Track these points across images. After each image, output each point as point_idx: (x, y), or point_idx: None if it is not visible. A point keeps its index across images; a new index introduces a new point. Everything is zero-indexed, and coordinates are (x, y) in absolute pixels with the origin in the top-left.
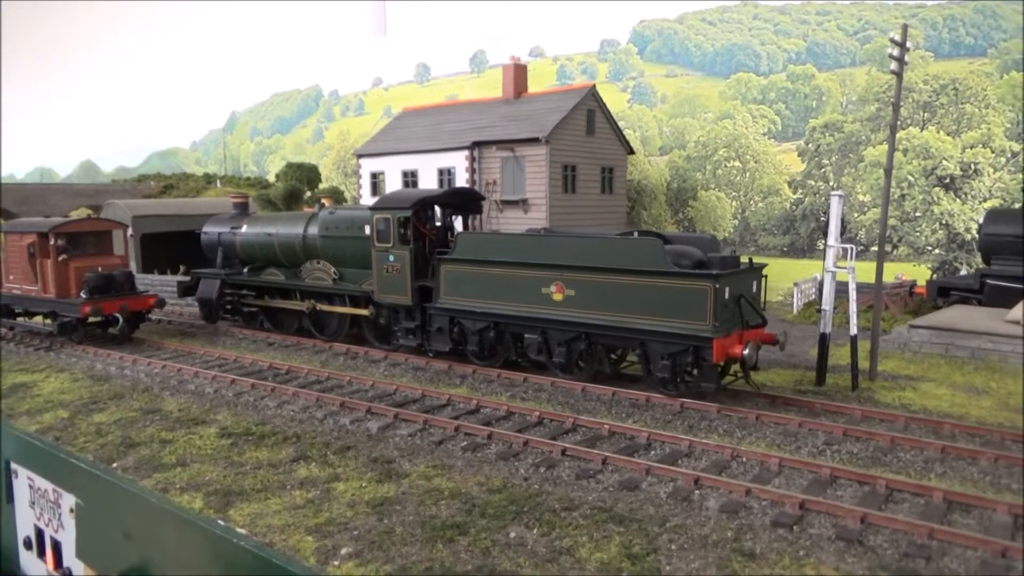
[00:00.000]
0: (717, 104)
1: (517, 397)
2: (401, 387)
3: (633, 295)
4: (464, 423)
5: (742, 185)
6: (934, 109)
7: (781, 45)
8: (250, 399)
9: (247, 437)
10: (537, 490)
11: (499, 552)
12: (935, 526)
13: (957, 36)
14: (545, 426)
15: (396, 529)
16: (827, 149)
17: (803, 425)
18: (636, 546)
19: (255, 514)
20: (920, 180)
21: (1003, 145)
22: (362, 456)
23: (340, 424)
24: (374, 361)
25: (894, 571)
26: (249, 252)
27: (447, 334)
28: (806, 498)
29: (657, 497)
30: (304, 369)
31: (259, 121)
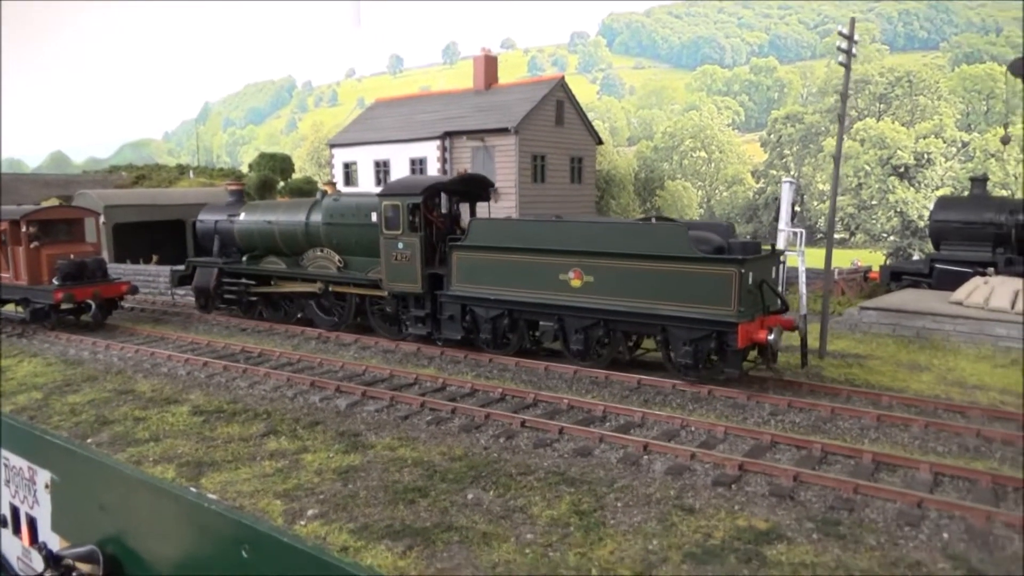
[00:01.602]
0: (683, 96)
1: (482, 376)
2: (370, 368)
3: (656, 281)
4: (430, 399)
5: (707, 175)
6: (889, 100)
7: (745, 38)
8: (222, 380)
9: (219, 414)
10: (496, 458)
11: (456, 511)
12: (861, 482)
13: (911, 30)
14: (507, 401)
15: (360, 493)
16: (788, 140)
17: (751, 398)
18: (585, 504)
19: (226, 482)
20: (876, 169)
21: (954, 135)
22: (330, 430)
23: (310, 402)
24: (344, 344)
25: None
26: (248, 240)
27: (459, 322)
28: (745, 460)
29: (608, 462)
30: (276, 352)
31: (232, 112)
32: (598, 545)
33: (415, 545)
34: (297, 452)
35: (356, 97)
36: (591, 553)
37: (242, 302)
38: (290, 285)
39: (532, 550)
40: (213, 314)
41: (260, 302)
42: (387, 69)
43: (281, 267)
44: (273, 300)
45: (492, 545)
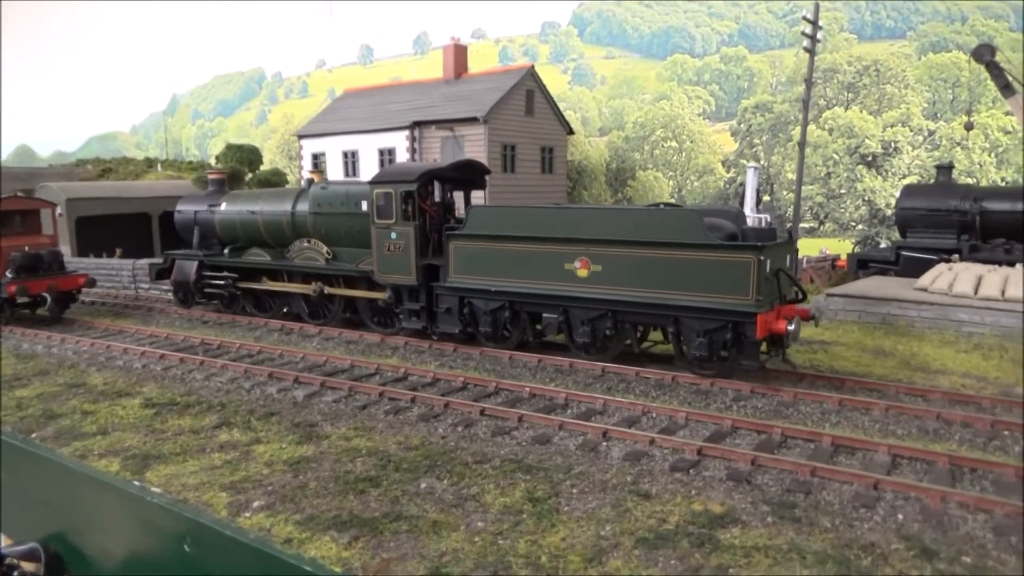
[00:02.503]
0: (654, 85)
1: (446, 365)
2: (332, 358)
3: (669, 269)
4: (389, 388)
5: (678, 164)
6: (857, 89)
7: (715, 27)
8: (178, 372)
9: (171, 407)
10: (453, 447)
11: (407, 500)
12: (818, 465)
13: (879, 19)
14: (469, 390)
15: (310, 484)
16: (758, 129)
17: (715, 384)
18: (539, 491)
19: (171, 475)
20: (845, 158)
21: (921, 124)
22: (285, 421)
23: (267, 393)
24: (308, 336)
25: (775, 505)
26: (229, 231)
27: (456, 315)
28: (704, 445)
29: (566, 449)
30: (236, 344)
31: (201, 104)
32: (550, 532)
33: (361, 536)
34: (249, 444)
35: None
36: (542, 540)
37: (224, 296)
38: (279, 284)
39: (481, 538)
40: (192, 309)
41: (243, 297)
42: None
43: (266, 259)
44: (257, 295)
45: (441, 534)
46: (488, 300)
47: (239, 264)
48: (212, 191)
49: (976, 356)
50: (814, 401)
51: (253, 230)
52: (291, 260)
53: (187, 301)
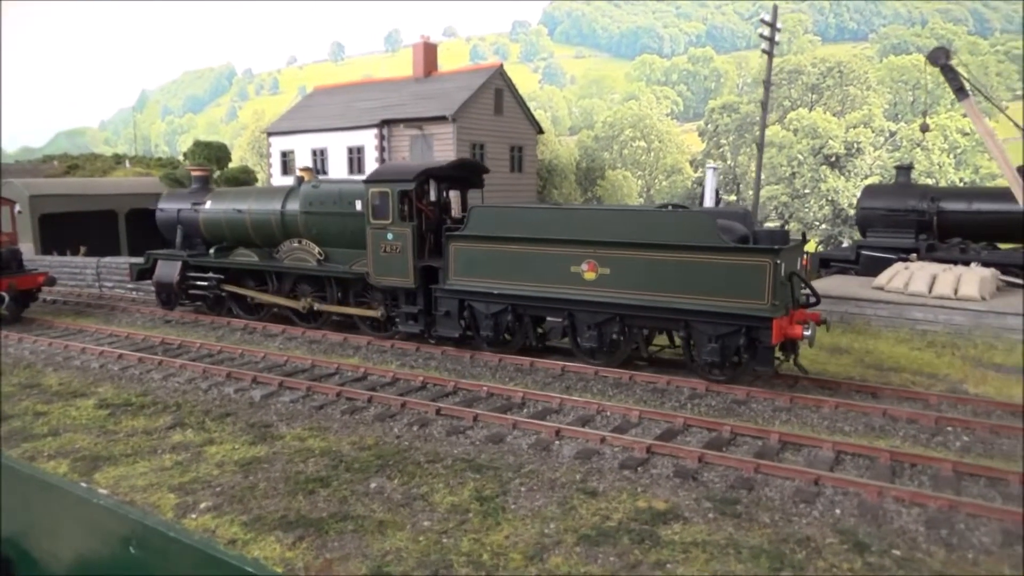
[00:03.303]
0: (623, 85)
1: (407, 365)
2: (292, 358)
3: (680, 272)
4: (347, 388)
5: (647, 164)
6: (821, 91)
7: (682, 28)
8: (136, 372)
9: (126, 407)
10: (407, 446)
11: (356, 500)
12: (761, 461)
13: (842, 21)
14: (428, 390)
15: (259, 485)
16: (725, 129)
17: (671, 383)
18: (488, 490)
19: (120, 476)
20: (809, 159)
21: (882, 125)
22: (240, 422)
23: (224, 393)
24: (271, 335)
25: (718, 501)
26: (215, 230)
27: (456, 318)
28: (653, 443)
29: (519, 448)
30: (196, 344)
31: (170, 100)
32: (494, 530)
33: (306, 536)
34: (202, 445)
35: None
36: (485, 538)
37: (209, 298)
38: (267, 296)
39: (426, 537)
40: (177, 310)
41: (230, 298)
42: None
43: (254, 260)
44: (244, 297)
45: (386, 534)
46: (490, 303)
47: (226, 265)
48: (196, 188)
49: (929, 354)
50: (766, 399)
51: (240, 229)
52: (280, 261)
53: (170, 302)
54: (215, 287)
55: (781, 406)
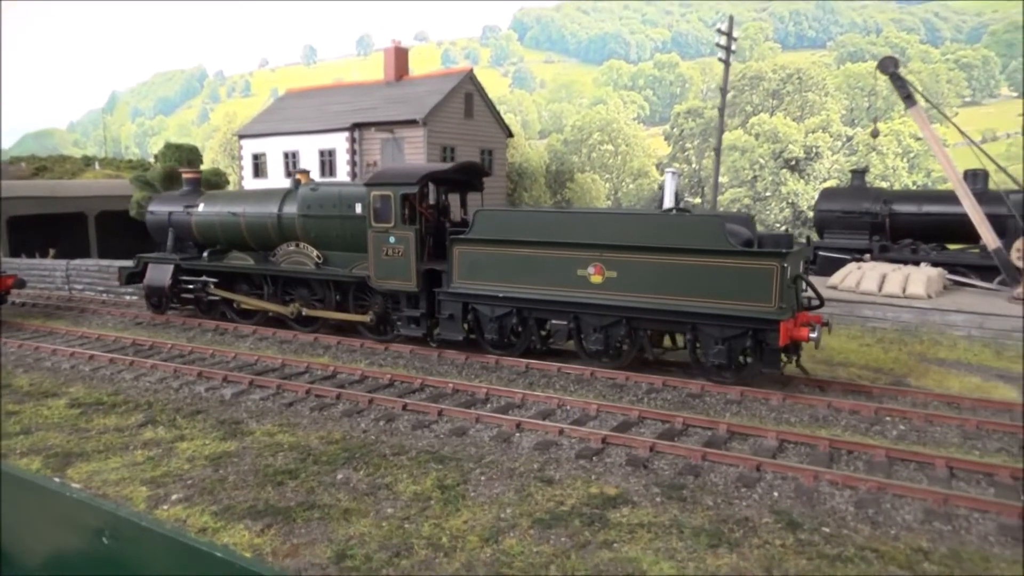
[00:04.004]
0: (591, 90)
1: (375, 364)
2: (263, 358)
3: (689, 276)
4: (316, 386)
5: (615, 167)
6: (782, 96)
7: (648, 34)
8: (107, 373)
9: (97, 406)
10: (373, 440)
11: (322, 490)
12: (708, 450)
13: (801, 29)
14: (395, 387)
15: (229, 477)
16: (690, 133)
17: (630, 379)
18: (449, 479)
19: (93, 472)
20: (770, 163)
21: (840, 130)
22: (211, 419)
23: (195, 392)
24: (242, 336)
25: (665, 487)
26: (208, 234)
27: (459, 322)
28: (608, 434)
29: (481, 440)
30: (168, 344)
31: (141, 101)
32: (454, 516)
33: (274, 524)
34: (173, 441)
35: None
36: (445, 523)
37: (201, 302)
38: (255, 302)
39: (389, 523)
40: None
41: (223, 302)
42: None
43: (249, 263)
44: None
45: (351, 520)
46: (494, 306)
47: (222, 268)
48: (187, 191)
49: (877, 349)
50: (719, 392)
51: (234, 232)
52: (277, 264)
53: (160, 306)
54: (201, 291)
55: (733, 399)
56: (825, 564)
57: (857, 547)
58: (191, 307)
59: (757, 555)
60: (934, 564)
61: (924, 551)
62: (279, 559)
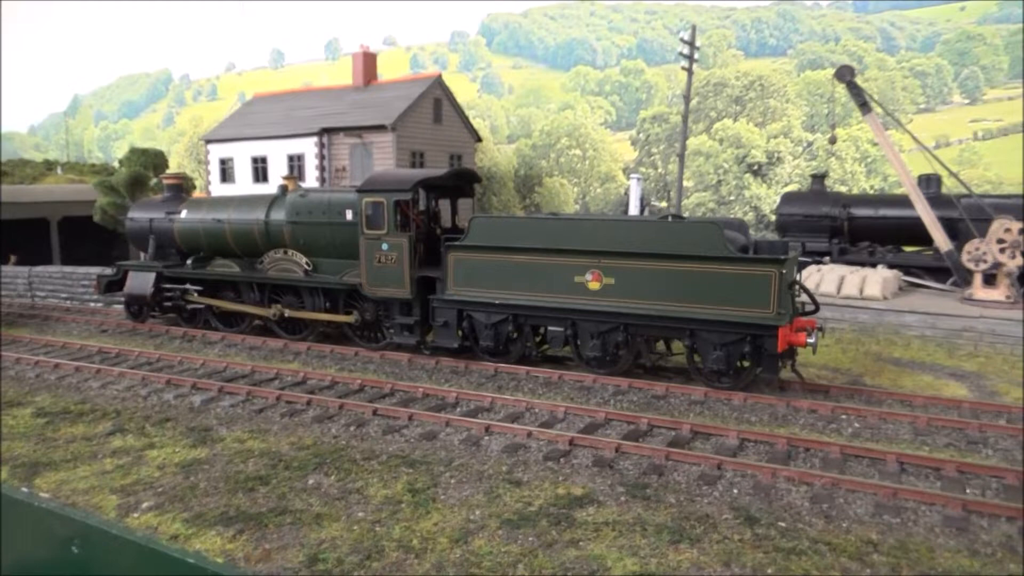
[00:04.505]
0: (559, 95)
1: (345, 369)
2: (232, 364)
3: (687, 282)
4: (286, 392)
5: (582, 172)
6: (744, 103)
7: (615, 41)
8: (73, 381)
9: (64, 415)
10: (344, 445)
11: (294, 495)
12: (672, 449)
13: (762, 37)
14: (365, 392)
15: (200, 484)
16: (656, 139)
17: (596, 381)
18: (420, 483)
19: (61, 481)
20: (733, 167)
21: (800, 136)
22: (181, 426)
23: (164, 400)
24: (210, 343)
25: (630, 486)
26: (191, 241)
27: (454, 329)
28: (575, 436)
29: (451, 444)
30: (135, 352)
31: (104, 105)
32: (424, 518)
33: (246, 529)
34: (142, 449)
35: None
36: (416, 526)
37: (184, 310)
38: (242, 307)
39: (360, 526)
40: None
41: (207, 311)
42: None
43: (235, 271)
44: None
45: (322, 524)
46: (490, 313)
47: (209, 277)
48: (168, 197)
49: (836, 350)
50: (683, 394)
51: (219, 240)
52: (264, 271)
53: (141, 315)
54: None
55: (696, 400)
56: (780, 557)
57: (811, 540)
58: (172, 315)
59: (716, 550)
60: (883, 555)
61: (874, 543)
62: (251, 564)
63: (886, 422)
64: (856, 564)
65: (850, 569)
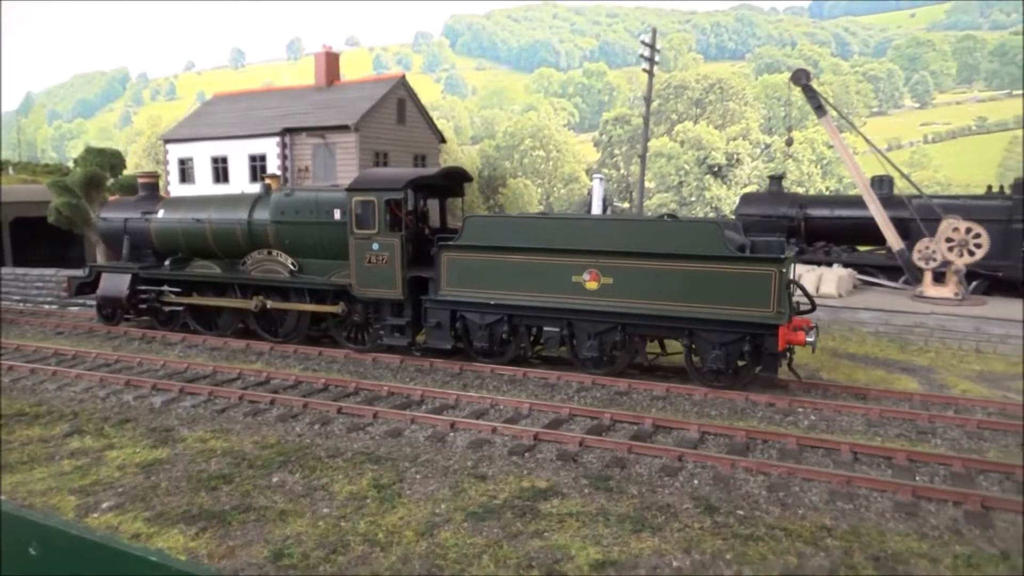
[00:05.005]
0: (523, 97)
1: (309, 369)
2: (193, 365)
3: (687, 281)
4: (249, 392)
5: (546, 173)
6: (704, 105)
7: (577, 43)
8: (28, 384)
9: (19, 418)
10: (309, 443)
11: (258, 493)
12: (634, 443)
13: (722, 41)
14: (330, 391)
15: (162, 484)
16: (618, 140)
17: (561, 378)
18: (385, 478)
19: (17, 483)
20: (694, 169)
21: (759, 138)
22: (141, 427)
23: (123, 401)
24: (170, 344)
25: (593, 478)
26: (169, 241)
27: (447, 330)
28: (539, 431)
29: (416, 440)
30: (92, 354)
31: (58, 104)
32: (390, 513)
33: (209, 527)
34: (101, 450)
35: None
36: (381, 520)
37: (161, 312)
38: (223, 301)
39: (325, 522)
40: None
41: (186, 313)
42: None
43: (216, 272)
44: (204, 310)
45: (287, 521)
46: (484, 314)
47: (191, 278)
48: (143, 196)
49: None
50: (645, 389)
51: (199, 240)
52: (247, 272)
53: (114, 318)
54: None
55: (659, 395)
56: (738, 543)
57: (768, 527)
58: (146, 319)
59: (677, 538)
60: (836, 539)
61: (828, 528)
62: (215, 561)
63: (841, 414)
64: (810, 548)
65: (805, 553)
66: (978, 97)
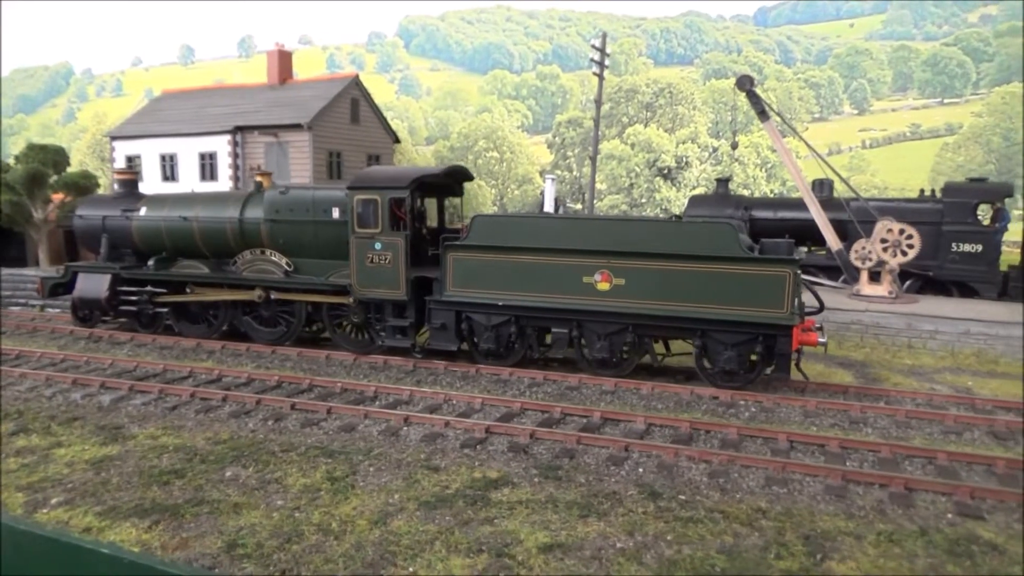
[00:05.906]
0: (477, 98)
1: (262, 367)
2: (143, 363)
3: (700, 282)
4: (200, 389)
5: (500, 174)
6: (655, 109)
7: (531, 46)
8: None
9: None
10: (262, 439)
11: (211, 487)
12: (583, 434)
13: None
14: (283, 388)
15: (113, 480)
16: (571, 142)
17: (513, 374)
18: (339, 471)
19: None
20: (645, 171)
21: (707, 142)
22: (90, 425)
23: (70, 399)
24: (118, 343)
25: (543, 468)
26: (152, 240)
27: (453, 331)
28: (491, 424)
29: (370, 435)
30: (37, 353)
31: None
32: (343, 503)
33: (162, 520)
34: (49, 447)
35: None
36: (335, 511)
37: (143, 314)
38: (215, 293)
39: (280, 514)
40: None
41: (170, 314)
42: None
43: (205, 272)
44: (191, 311)
45: (241, 513)
46: (491, 315)
47: (176, 278)
48: (122, 193)
49: None
50: (595, 384)
51: (185, 239)
52: (239, 272)
53: (91, 319)
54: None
55: (607, 390)
56: (679, 525)
57: (707, 510)
58: (127, 320)
59: (622, 522)
60: (770, 520)
61: (763, 510)
62: (169, 551)
63: (780, 406)
64: (746, 529)
65: (740, 533)
66: (912, 105)
